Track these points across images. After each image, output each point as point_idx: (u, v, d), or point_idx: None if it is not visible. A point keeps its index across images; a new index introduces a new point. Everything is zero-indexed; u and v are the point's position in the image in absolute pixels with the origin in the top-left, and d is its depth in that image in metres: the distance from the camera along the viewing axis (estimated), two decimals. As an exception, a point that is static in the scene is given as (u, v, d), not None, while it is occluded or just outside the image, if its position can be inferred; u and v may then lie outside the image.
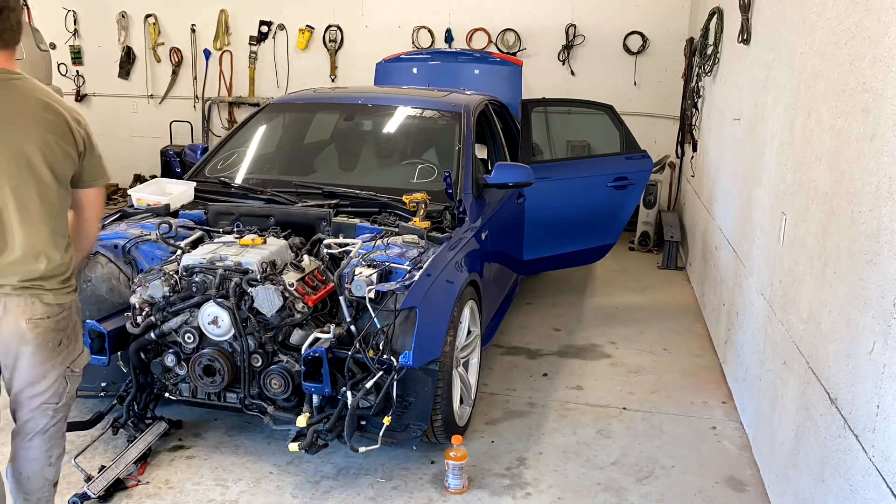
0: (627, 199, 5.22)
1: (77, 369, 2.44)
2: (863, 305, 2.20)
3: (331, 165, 4.63)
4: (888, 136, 2.09)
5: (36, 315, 2.26)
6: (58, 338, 2.33)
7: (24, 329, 2.25)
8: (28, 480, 2.44)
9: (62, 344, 2.35)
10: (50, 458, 2.47)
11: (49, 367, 2.33)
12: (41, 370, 2.32)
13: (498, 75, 6.76)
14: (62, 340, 2.35)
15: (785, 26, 3.48)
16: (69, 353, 2.39)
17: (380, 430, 3.02)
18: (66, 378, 2.40)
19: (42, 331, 2.28)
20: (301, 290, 3.11)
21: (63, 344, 2.36)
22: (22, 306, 2.25)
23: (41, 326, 2.27)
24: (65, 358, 2.37)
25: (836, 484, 2.30)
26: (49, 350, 2.31)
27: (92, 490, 2.92)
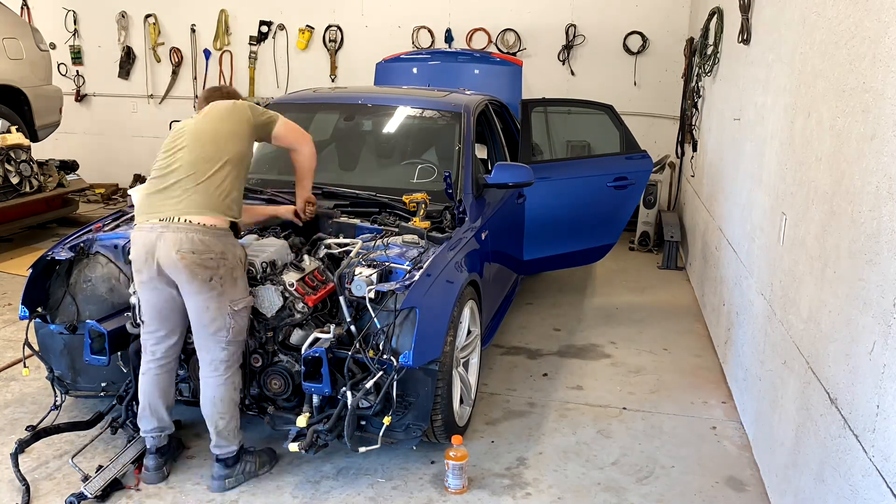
0: (627, 199, 5.22)
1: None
2: (863, 305, 2.19)
3: (331, 165, 4.63)
4: (888, 136, 2.09)
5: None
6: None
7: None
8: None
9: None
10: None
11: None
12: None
13: (498, 75, 6.76)
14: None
15: (785, 26, 3.48)
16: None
17: (380, 431, 3.02)
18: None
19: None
20: (301, 290, 3.11)
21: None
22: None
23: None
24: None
25: (836, 484, 2.30)
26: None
27: (89, 490, 2.92)
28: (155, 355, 3.04)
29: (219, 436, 3.03)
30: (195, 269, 2.83)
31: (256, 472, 3.15)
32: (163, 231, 2.85)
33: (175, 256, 2.82)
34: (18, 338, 4.37)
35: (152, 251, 2.86)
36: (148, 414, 3.07)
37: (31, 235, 7.03)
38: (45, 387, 3.84)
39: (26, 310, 3.33)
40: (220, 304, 2.89)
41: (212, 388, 2.98)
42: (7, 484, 3.06)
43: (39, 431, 3.28)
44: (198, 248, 2.83)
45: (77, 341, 3.35)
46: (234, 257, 2.94)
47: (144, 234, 2.89)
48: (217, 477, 3.06)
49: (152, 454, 3.10)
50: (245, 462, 3.11)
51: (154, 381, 3.05)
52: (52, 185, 6.90)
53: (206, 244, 2.85)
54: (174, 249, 2.82)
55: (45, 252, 3.41)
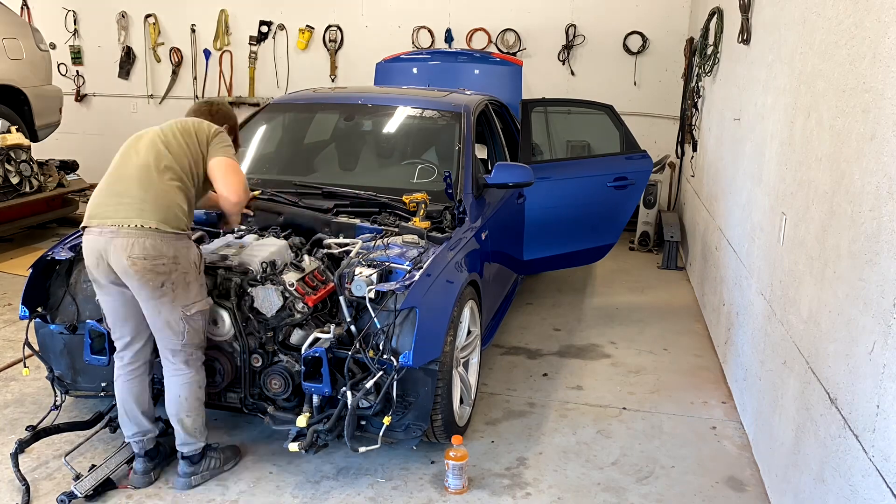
0: (627, 199, 5.22)
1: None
2: (863, 305, 2.19)
3: (331, 165, 4.63)
4: (888, 136, 2.09)
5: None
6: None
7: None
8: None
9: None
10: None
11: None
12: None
13: (498, 75, 6.76)
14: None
15: (785, 26, 3.48)
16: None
17: (380, 431, 3.02)
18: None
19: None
20: (301, 290, 3.11)
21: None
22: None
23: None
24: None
25: (836, 484, 2.30)
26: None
27: (79, 489, 2.92)
28: (123, 360, 3.03)
29: (186, 433, 3.03)
30: (146, 276, 2.79)
31: (221, 468, 3.16)
32: (112, 236, 2.80)
33: (126, 262, 2.78)
34: (18, 338, 4.37)
35: (103, 256, 2.83)
36: (126, 420, 3.06)
37: (31, 235, 7.03)
38: (45, 387, 3.84)
39: (26, 310, 3.33)
40: (173, 309, 2.87)
41: (176, 386, 2.98)
42: (7, 484, 3.06)
43: (39, 431, 3.28)
44: (149, 254, 2.79)
45: (77, 341, 3.35)
46: (188, 261, 2.89)
47: (94, 239, 2.85)
48: (183, 475, 3.07)
49: (140, 457, 3.09)
50: (210, 458, 3.12)
51: (126, 387, 3.04)
52: (52, 185, 6.90)
53: (157, 249, 2.80)
54: (125, 255, 2.78)
55: (45, 252, 3.41)
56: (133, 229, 2.80)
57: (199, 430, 3.06)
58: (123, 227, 2.81)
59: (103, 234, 2.83)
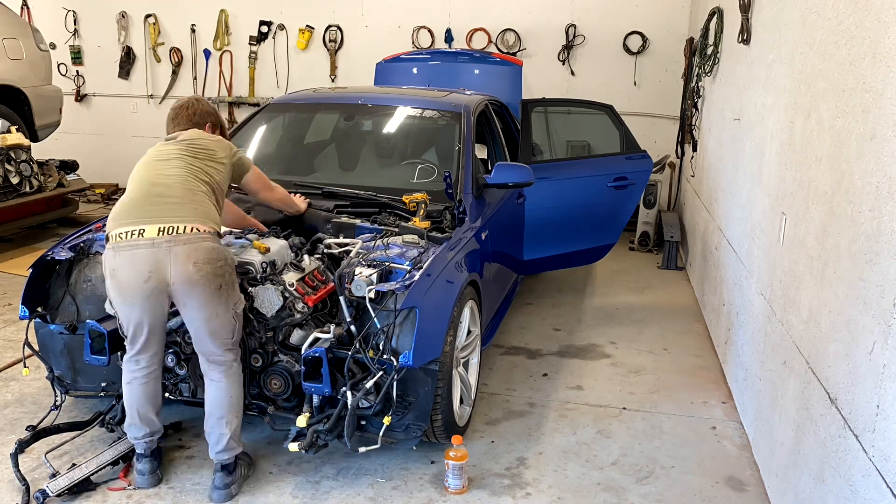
0: (627, 199, 5.22)
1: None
2: (863, 305, 2.19)
3: (331, 165, 4.63)
4: (888, 136, 2.09)
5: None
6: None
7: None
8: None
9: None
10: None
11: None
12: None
13: (498, 75, 6.76)
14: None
15: (785, 26, 3.48)
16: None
17: (380, 431, 3.02)
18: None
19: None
20: (301, 290, 3.11)
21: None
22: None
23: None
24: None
25: (836, 484, 2.30)
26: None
27: (51, 488, 2.91)
28: (139, 364, 3.00)
29: (231, 437, 2.98)
30: (209, 280, 2.80)
31: (248, 474, 3.14)
32: (171, 245, 2.76)
33: (192, 269, 2.76)
34: (18, 338, 4.37)
35: (159, 267, 2.77)
36: (137, 422, 3.03)
37: (31, 235, 7.03)
38: (45, 387, 3.84)
39: (26, 310, 3.33)
40: (227, 310, 2.89)
41: (226, 389, 2.96)
42: (7, 484, 3.06)
43: (39, 431, 3.28)
44: (211, 257, 2.82)
45: (77, 341, 3.35)
46: (232, 260, 2.98)
47: (145, 252, 2.77)
48: (222, 486, 3.00)
49: (146, 458, 3.07)
50: (240, 465, 3.10)
51: (141, 389, 3.01)
52: (52, 185, 6.90)
53: (216, 252, 2.85)
54: (190, 262, 2.76)
55: (45, 252, 3.41)
56: (192, 234, 2.80)
57: (239, 434, 3.05)
58: (179, 232, 2.78)
59: (157, 245, 2.77)
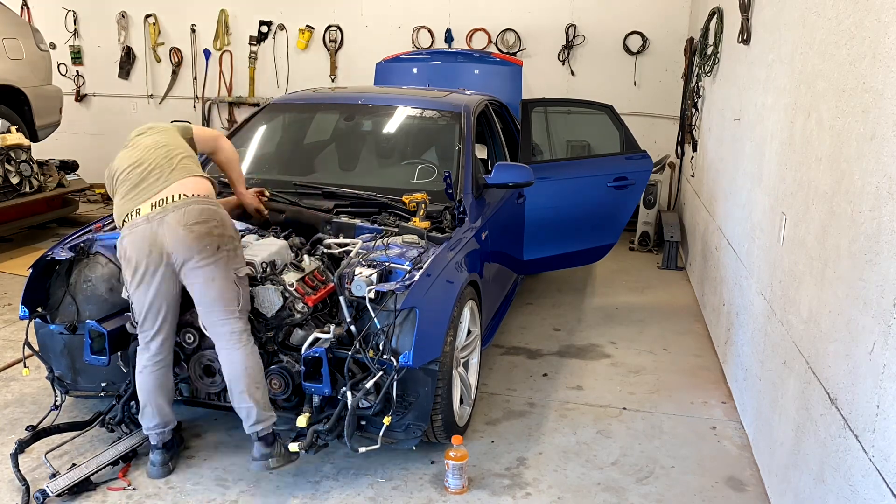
0: (627, 199, 5.22)
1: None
2: (863, 305, 2.20)
3: (331, 165, 4.63)
4: (888, 136, 2.09)
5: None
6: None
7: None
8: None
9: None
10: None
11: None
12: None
13: (498, 75, 6.77)
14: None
15: (785, 26, 3.48)
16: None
17: (380, 431, 3.02)
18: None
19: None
20: (301, 291, 3.11)
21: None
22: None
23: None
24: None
25: (836, 484, 2.30)
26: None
27: (51, 488, 2.91)
28: (150, 351, 3.04)
29: (258, 408, 2.95)
30: (204, 240, 2.86)
31: (290, 458, 3.05)
32: (162, 216, 2.87)
33: (182, 232, 2.84)
34: (18, 338, 4.37)
35: (155, 240, 2.86)
36: (150, 411, 3.08)
37: (31, 235, 7.03)
38: (45, 387, 3.84)
39: (26, 310, 3.33)
40: (227, 273, 2.91)
41: (240, 360, 2.94)
42: (7, 484, 3.06)
43: (39, 431, 3.28)
44: (201, 218, 2.88)
45: (77, 341, 3.35)
46: (231, 226, 3.02)
47: (141, 228, 2.89)
48: (260, 456, 2.98)
49: (158, 449, 3.12)
50: (279, 444, 3.03)
51: (153, 378, 3.05)
52: (52, 185, 6.90)
53: (209, 212, 2.91)
54: (181, 226, 2.85)
55: (45, 252, 3.41)
56: (179, 200, 2.88)
57: (268, 403, 3.02)
58: (167, 202, 2.88)
59: (150, 219, 2.89)
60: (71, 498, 2.97)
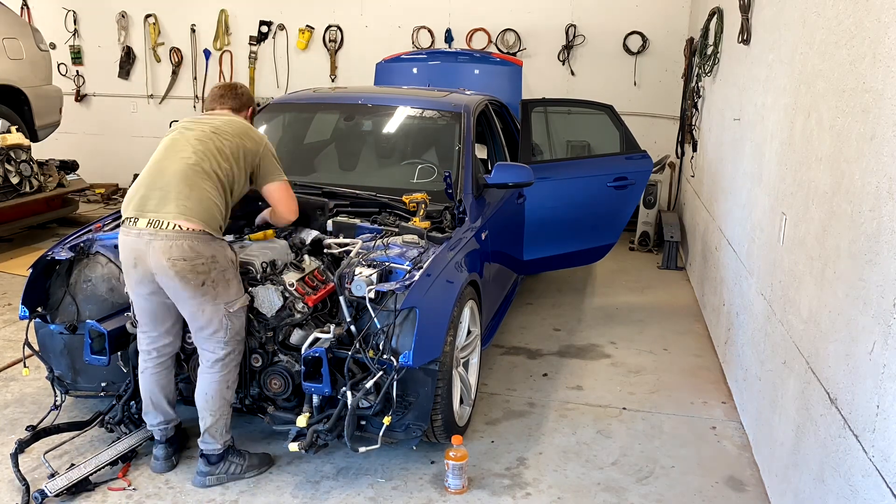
0: (627, 199, 5.22)
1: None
2: (863, 305, 2.19)
3: (331, 165, 4.63)
4: (888, 136, 2.09)
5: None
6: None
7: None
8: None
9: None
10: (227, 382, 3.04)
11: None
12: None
13: (498, 75, 6.76)
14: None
15: (785, 26, 3.48)
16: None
17: (380, 431, 3.02)
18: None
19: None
20: (301, 291, 3.11)
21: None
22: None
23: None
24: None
25: (836, 484, 2.30)
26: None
27: (50, 488, 2.92)
28: (150, 354, 3.08)
29: (206, 433, 3.05)
30: (187, 276, 2.83)
31: (241, 475, 3.13)
32: (151, 239, 2.83)
33: (166, 264, 2.82)
34: (18, 338, 4.37)
35: (141, 258, 2.86)
36: (152, 409, 3.13)
37: (31, 235, 7.03)
38: (45, 387, 3.84)
39: (26, 310, 3.33)
40: (215, 308, 2.90)
41: (205, 383, 3.01)
42: (7, 484, 3.06)
43: (39, 431, 3.28)
44: (188, 255, 2.82)
45: (77, 341, 3.35)
46: (225, 259, 2.93)
47: (132, 241, 2.88)
48: (199, 472, 3.10)
49: (161, 444, 3.17)
50: (230, 463, 3.11)
51: (153, 378, 3.10)
52: (52, 185, 6.90)
53: (195, 250, 2.84)
54: (164, 258, 2.81)
55: (45, 252, 3.41)
56: (172, 231, 2.83)
57: (220, 432, 3.06)
58: (162, 228, 2.83)
59: (141, 236, 2.85)
60: (70, 498, 2.97)
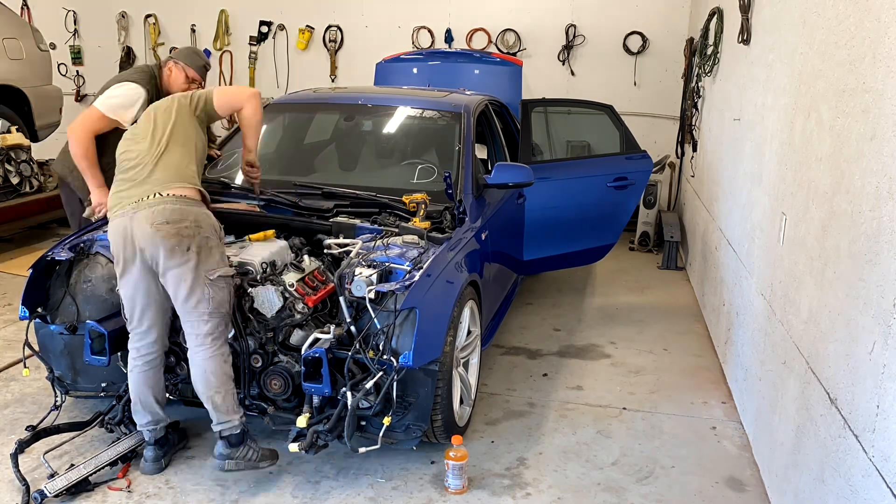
0: (627, 199, 5.22)
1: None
2: (863, 305, 2.20)
3: (331, 165, 4.63)
4: (888, 136, 2.09)
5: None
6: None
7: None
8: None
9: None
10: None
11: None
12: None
13: (498, 75, 6.76)
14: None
15: (785, 26, 3.48)
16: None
17: (380, 431, 3.02)
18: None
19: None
20: (301, 291, 3.11)
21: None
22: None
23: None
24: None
25: (836, 484, 2.30)
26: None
27: (49, 489, 2.92)
28: (139, 352, 3.08)
29: (217, 411, 3.00)
30: (171, 240, 2.88)
31: (257, 464, 3.08)
32: (134, 211, 2.94)
33: (150, 230, 2.88)
34: (18, 338, 4.37)
35: (129, 234, 2.92)
36: (140, 408, 3.12)
37: (31, 235, 7.03)
38: (45, 387, 3.84)
39: (26, 310, 3.33)
40: (196, 275, 2.91)
41: (201, 363, 2.97)
42: (7, 484, 3.06)
43: (39, 431, 3.28)
44: (172, 218, 2.90)
45: (77, 341, 3.35)
46: (209, 226, 3.00)
47: (118, 221, 2.97)
48: (219, 456, 3.03)
49: (151, 446, 3.15)
50: (248, 448, 3.05)
51: (141, 377, 3.09)
52: (52, 185, 6.89)
53: (180, 213, 2.92)
54: (148, 224, 2.89)
55: (45, 252, 3.41)
56: (152, 200, 2.95)
57: (232, 407, 3.02)
58: (143, 200, 2.95)
59: (125, 214, 2.96)
60: (70, 498, 2.98)
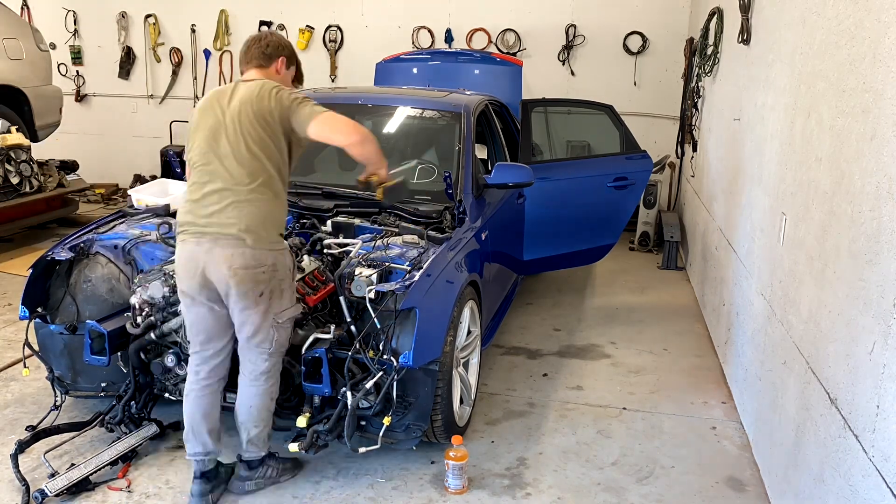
0: (627, 199, 5.22)
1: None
2: (863, 305, 2.19)
3: (331, 165, 4.63)
4: (888, 136, 2.09)
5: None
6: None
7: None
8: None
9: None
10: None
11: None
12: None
13: (498, 75, 6.76)
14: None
15: (785, 26, 3.48)
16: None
17: (380, 431, 3.02)
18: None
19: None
20: (301, 291, 3.11)
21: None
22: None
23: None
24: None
25: (836, 484, 2.30)
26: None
27: (50, 488, 2.91)
28: (198, 375, 2.92)
29: (249, 443, 2.99)
30: (247, 285, 2.73)
31: (277, 479, 3.10)
32: (212, 246, 2.72)
33: (227, 273, 2.71)
34: (18, 338, 4.37)
35: (200, 266, 2.75)
36: (192, 437, 2.93)
37: (31, 235, 7.02)
38: (45, 387, 3.84)
39: (26, 310, 3.33)
40: (265, 318, 2.81)
41: (250, 396, 2.92)
42: (7, 484, 3.06)
43: (39, 432, 3.28)
44: (250, 264, 2.72)
45: (77, 341, 3.35)
46: (285, 268, 2.84)
47: (191, 249, 2.76)
48: (239, 478, 3.04)
49: (197, 479, 2.94)
50: (267, 466, 3.07)
51: (196, 402, 2.92)
52: (52, 185, 6.90)
53: (257, 259, 2.73)
54: (226, 266, 2.71)
55: (45, 252, 3.41)
56: (233, 239, 2.72)
57: (264, 441, 3.02)
58: (223, 236, 2.72)
59: (201, 244, 2.74)
60: (70, 498, 2.98)
